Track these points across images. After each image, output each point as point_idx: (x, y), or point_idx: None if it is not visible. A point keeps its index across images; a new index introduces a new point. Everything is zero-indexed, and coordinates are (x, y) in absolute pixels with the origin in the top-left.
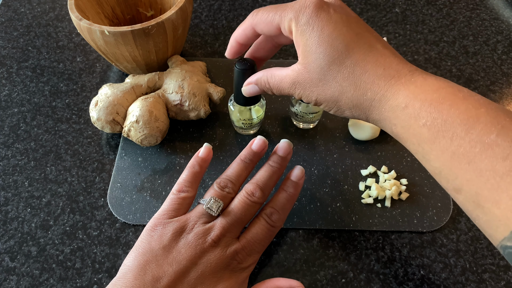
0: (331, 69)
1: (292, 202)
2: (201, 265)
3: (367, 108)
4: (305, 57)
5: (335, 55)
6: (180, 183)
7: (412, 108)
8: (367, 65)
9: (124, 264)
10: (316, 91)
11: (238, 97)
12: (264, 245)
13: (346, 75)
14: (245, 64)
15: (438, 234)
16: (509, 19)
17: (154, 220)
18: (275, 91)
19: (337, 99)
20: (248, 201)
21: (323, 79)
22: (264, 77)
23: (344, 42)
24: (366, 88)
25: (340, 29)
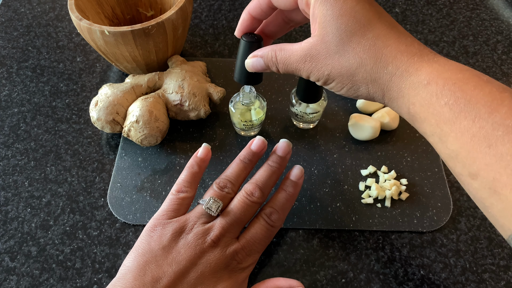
0: (352, 41)
1: (291, 201)
2: (201, 266)
3: (386, 83)
4: (323, 28)
5: (357, 27)
6: (179, 183)
7: (435, 86)
8: (389, 40)
9: (124, 264)
10: (330, 64)
11: (240, 74)
12: (264, 245)
13: (367, 47)
14: (252, 37)
15: (438, 234)
16: (509, 19)
17: (153, 221)
18: (281, 67)
19: (354, 72)
20: (247, 201)
21: (341, 50)
22: (271, 51)
23: (366, 16)
24: (388, 62)
25: (363, 3)
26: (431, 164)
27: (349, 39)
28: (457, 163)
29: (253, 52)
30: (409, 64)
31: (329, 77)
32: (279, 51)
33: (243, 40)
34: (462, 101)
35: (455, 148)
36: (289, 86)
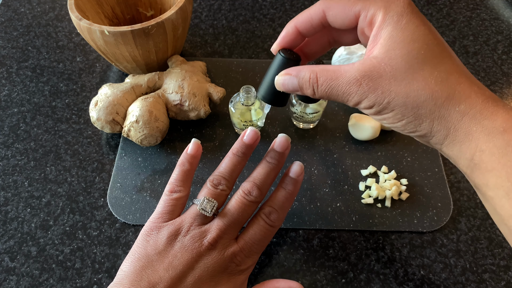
0: (424, 70)
1: (291, 200)
2: (198, 269)
3: (455, 123)
4: (389, 50)
5: (430, 56)
6: (172, 183)
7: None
8: (461, 78)
9: (121, 269)
10: (395, 91)
11: (266, 91)
12: (263, 246)
13: (440, 80)
14: (291, 54)
15: (438, 234)
16: (509, 19)
17: (149, 224)
18: (322, 90)
19: (421, 105)
20: (245, 201)
21: (410, 78)
22: (310, 71)
23: (439, 47)
24: (461, 99)
25: (435, 33)
26: (431, 164)
27: (421, 67)
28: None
29: (288, 69)
30: (483, 106)
31: (388, 105)
32: (322, 71)
33: (280, 55)
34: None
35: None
36: None
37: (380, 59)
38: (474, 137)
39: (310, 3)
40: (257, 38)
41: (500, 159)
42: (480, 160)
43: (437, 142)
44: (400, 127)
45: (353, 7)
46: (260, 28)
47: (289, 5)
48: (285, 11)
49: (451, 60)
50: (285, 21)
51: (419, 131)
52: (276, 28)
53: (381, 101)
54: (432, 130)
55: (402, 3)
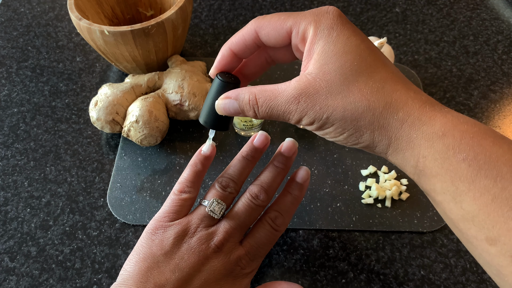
0: (358, 81)
1: (297, 204)
2: (205, 272)
3: (395, 131)
4: (324, 64)
5: (363, 66)
6: (182, 182)
7: (452, 138)
8: (397, 85)
9: (125, 269)
10: (332, 106)
11: (207, 116)
12: (267, 250)
13: (375, 90)
14: (229, 77)
15: (439, 234)
16: (509, 19)
17: (154, 222)
18: (263, 110)
19: (359, 117)
20: (252, 205)
21: (345, 91)
22: (249, 93)
23: (372, 56)
24: (398, 107)
25: (367, 43)
26: None
27: (355, 78)
28: (472, 225)
29: (227, 92)
30: (421, 112)
31: (327, 120)
32: (261, 92)
33: (218, 79)
34: (481, 157)
35: (471, 210)
36: None
37: (315, 74)
38: (416, 144)
39: (310, 3)
40: None
41: (442, 164)
42: (424, 166)
43: (381, 152)
44: (343, 140)
45: (284, 24)
46: None
47: (289, 5)
48: (285, 11)
49: (385, 68)
50: None
51: (361, 142)
52: None
53: (320, 116)
54: (374, 141)
55: (331, 15)
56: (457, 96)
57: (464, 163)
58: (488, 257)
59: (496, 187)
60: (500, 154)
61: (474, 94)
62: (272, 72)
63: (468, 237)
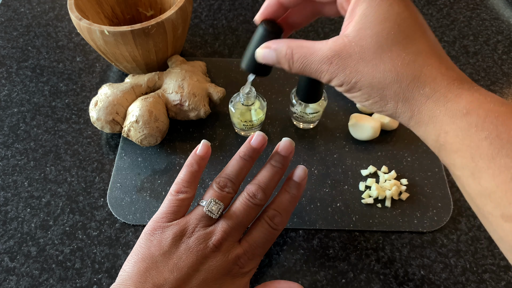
0: (392, 51)
1: (294, 203)
2: (203, 272)
3: (419, 105)
4: (361, 29)
5: (400, 37)
6: (178, 183)
7: (476, 116)
8: (430, 59)
9: (123, 270)
10: (361, 72)
11: (248, 61)
12: (266, 248)
13: (406, 62)
14: (273, 26)
15: (438, 234)
16: (509, 19)
17: (152, 223)
18: (297, 66)
19: (386, 86)
20: (250, 203)
21: (377, 58)
22: (287, 47)
23: (412, 27)
24: (426, 82)
25: (410, 12)
26: (431, 164)
27: (389, 48)
28: (489, 201)
29: (267, 42)
30: (448, 89)
31: (355, 85)
32: (298, 48)
33: (262, 26)
34: (505, 136)
35: (489, 186)
36: (289, 86)
37: (351, 38)
38: (438, 120)
39: None
40: None
41: (463, 140)
42: (445, 141)
43: (404, 122)
44: (368, 105)
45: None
46: None
47: None
48: None
49: (423, 40)
50: None
51: (385, 110)
52: None
53: (349, 80)
54: (397, 111)
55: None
56: None
57: (486, 141)
58: (502, 233)
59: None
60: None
61: None
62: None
63: (484, 213)
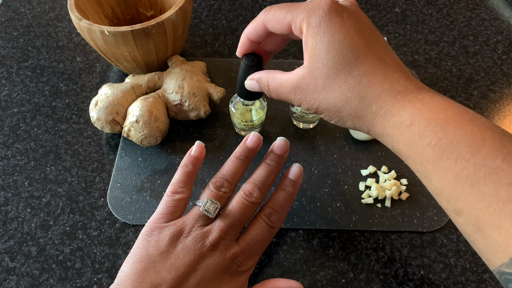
0: (338, 78)
1: (291, 201)
2: (201, 271)
3: (371, 121)
4: (311, 62)
5: (343, 63)
6: (174, 184)
7: (418, 126)
8: (374, 78)
9: (122, 270)
10: (318, 99)
11: (241, 91)
12: (264, 246)
13: (352, 86)
14: (252, 60)
15: (438, 234)
16: (509, 19)
17: (150, 224)
18: (274, 95)
19: (340, 109)
20: (246, 202)
21: (328, 86)
22: (264, 78)
23: (354, 51)
24: (372, 101)
25: (352, 37)
26: None
27: (336, 76)
28: (442, 199)
29: (252, 74)
30: (392, 104)
31: (317, 109)
32: (271, 80)
33: (242, 62)
34: (444, 142)
35: (439, 186)
36: None
37: (306, 70)
38: (389, 132)
39: None
40: None
41: (411, 148)
42: (399, 150)
43: (367, 133)
44: (334, 123)
45: (284, 19)
46: None
47: None
48: None
49: (366, 62)
50: None
51: (348, 126)
52: None
53: (311, 106)
54: (356, 127)
55: (321, 11)
56: (457, 96)
57: (428, 147)
58: (458, 226)
59: (457, 167)
60: (462, 137)
61: (474, 94)
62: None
63: (443, 208)
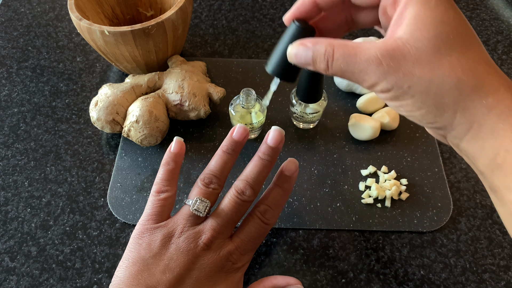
0: (451, 55)
1: (286, 197)
2: (195, 271)
3: (480, 116)
4: (416, 30)
5: (459, 41)
6: (158, 183)
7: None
8: (489, 68)
9: (116, 275)
10: (418, 75)
11: (277, 63)
12: (258, 243)
13: (467, 68)
14: (305, 24)
15: (438, 234)
16: (509, 19)
17: (139, 227)
18: (339, 64)
19: (445, 93)
20: (238, 200)
21: (436, 62)
22: (327, 44)
23: (468, 32)
24: (489, 92)
25: (464, 18)
26: (431, 164)
27: (449, 52)
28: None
29: (304, 39)
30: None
31: (408, 90)
32: (340, 46)
33: (294, 23)
34: None
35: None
36: (289, 86)
37: (405, 39)
38: (500, 135)
39: None
40: (257, 38)
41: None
42: (504, 161)
43: (456, 136)
44: (418, 116)
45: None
46: (260, 28)
47: (289, 5)
48: (285, 11)
49: (480, 49)
50: None
51: (439, 122)
52: (276, 28)
53: (402, 84)
54: (454, 123)
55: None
56: None
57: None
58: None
59: None
60: None
61: None
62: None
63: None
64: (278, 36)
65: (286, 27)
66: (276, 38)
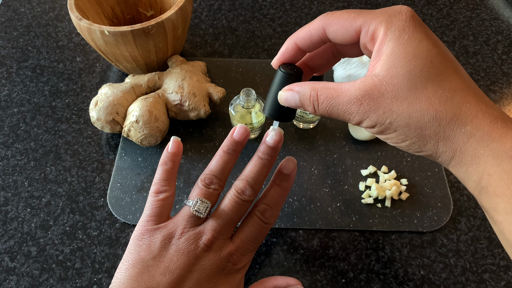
0: (427, 89)
1: (285, 196)
2: (196, 272)
3: (461, 145)
4: (392, 67)
5: (434, 74)
6: (156, 183)
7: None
8: (467, 96)
9: (116, 277)
10: (397, 111)
11: (271, 107)
12: (259, 243)
13: (444, 99)
14: (291, 69)
15: (438, 234)
16: (509, 19)
17: (139, 228)
18: (323, 108)
19: (425, 125)
20: (238, 200)
21: (412, 97)
22: (311, 89)
23: (443, 63)
24: (467, 120)
25: (439, 48)
26: (431, 164)
27: (424, 86)
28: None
29: (290, 85)
30: (491, 128)
31: (390, 126)
32: (323, 89)
33: (281, 71)
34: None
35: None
36: None
37: (382, 77)
38: (482, 160)
39: (310, 3)
40: (257, 38)
41: (509, 185)
42: (488, 184)
43: (444, 162)
44: (405, 147)
45: (353, 23)
46: (260, 28)
47: (289, 5)
48: (285, 11)
49: (457, 77)
50: (285, 21)
51: (424, 151)
52: (276, 28)
53: (383, 121)
54: (437, 151)
55: (404, 16)
56: None
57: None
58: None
59: None
60: None
61: None
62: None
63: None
64: (278, 36)
65: (286, 27)
66: (276, 38)
